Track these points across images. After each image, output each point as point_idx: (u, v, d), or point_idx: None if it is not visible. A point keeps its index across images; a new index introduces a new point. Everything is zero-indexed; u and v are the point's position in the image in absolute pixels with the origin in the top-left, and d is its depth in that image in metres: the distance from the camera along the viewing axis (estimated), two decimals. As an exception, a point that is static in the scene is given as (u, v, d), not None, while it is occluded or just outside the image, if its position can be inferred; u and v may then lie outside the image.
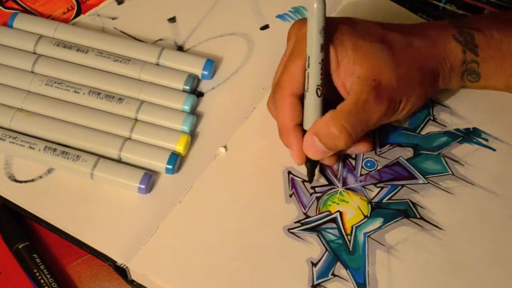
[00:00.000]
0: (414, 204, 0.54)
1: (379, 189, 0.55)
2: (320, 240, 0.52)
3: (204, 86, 0.61)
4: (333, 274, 0.51)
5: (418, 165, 0.56)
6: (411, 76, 0.52)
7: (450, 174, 0.55)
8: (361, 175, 0.55)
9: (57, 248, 0.54)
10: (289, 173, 0.55)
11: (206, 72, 0.60)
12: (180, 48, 0.63)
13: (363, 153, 0.56)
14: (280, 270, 0.51)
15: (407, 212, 0.54)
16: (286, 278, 0.51)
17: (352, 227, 0.53)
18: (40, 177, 0.56)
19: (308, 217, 0.54)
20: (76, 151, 0.56)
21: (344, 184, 0.55)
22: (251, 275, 0.51)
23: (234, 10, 0.65)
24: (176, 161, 0.55)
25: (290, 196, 0.54)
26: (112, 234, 0.53)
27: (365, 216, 0.53)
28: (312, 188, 0.55)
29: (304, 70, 0.51)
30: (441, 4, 0.65)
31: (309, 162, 0.54)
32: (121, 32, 0.64)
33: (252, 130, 0.58)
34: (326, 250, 0.52)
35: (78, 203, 0.55)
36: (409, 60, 0.52)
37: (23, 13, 0.64)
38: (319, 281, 0.51)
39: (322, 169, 0.56)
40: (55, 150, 0.56)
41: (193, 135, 0.58)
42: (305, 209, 0.54)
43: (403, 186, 0.55)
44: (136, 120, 0.58)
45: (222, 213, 0.54)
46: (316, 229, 0.53)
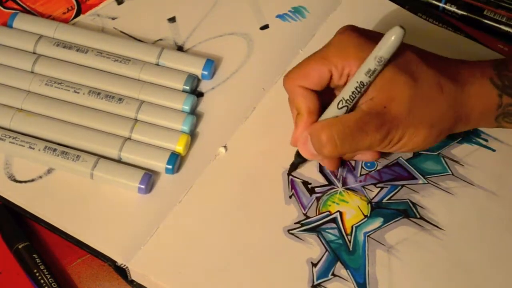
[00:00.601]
0: (414, 204, 0.54)
1: (379, 189, 0.55)
2: (320, 240, 0.52)
3: (204, 86, 0.61)
4: (333, 274, 0.51)
5: (418, 165, 0.56)
6: (425, 117, 0.50)
7: (450, 174, 0.55)
8: (361, 175, 0.56)
9: (57, 248, 0.54)
10: (289, 174, 0.55)
11: (206, 72, 0.60)
12: (180, 48, 0.63)
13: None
14: (280, 270, 0.51)
15: (407, 212, 0.54)
16: (286, 279, 0.51)
17: (352, 227, 0.53)
18: (40, 177, 0.56)
19: (308, 217, 0.54)
20: (76, 151, 0.56)
21: (344, 184, 0.55)
22: (251, 276, 0.51)
23: (234, 10, 0.65)
24: (176, 161, 0.55)
25: (290, 197, 0.54)
26: (112, 234, 0.53)
27: (365, 216, 0.54)
28: (312, 188, 0.55)
29: (319, 72, 0.51)
30: (441, 4, 0.65)
31: (298, 158, 0.54)
32: (121, 32, 0.64)
33: (252, 130, 0.58)
34: (326, 250, 0.52)
35: (78, 203, 0.55)
36: (431, 102, 0.50)
37: (23, 13, 0.64)
38: (319, 281, 0.51)
39: (322, 169, 0.56)
40: (55, 150, 0.56)
41: (193, 135, 0.58)
42: (305, 210, 0.54)
43: (403, 186, 0.55)
44: (136, 120, 0.58)
45: (222, 213, 0.54)
46: (316, 230, 0.53)
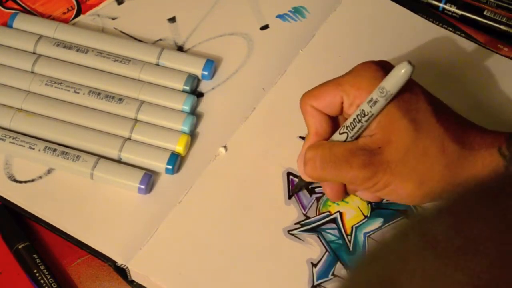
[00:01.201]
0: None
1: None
2: (320, 240, 0.52)
3: (204, 86, 0.61)
4: (334, 275, 0.51)
5: (418, 165, 0.56)
6: (415, 173, 0.48)
7: (450, 174, 0.55)
8: (361, 175, 0.55)
9: (57, 248, 0.54)
10: (289, 174, 0.55)
11: (206, 72, 0.60)
12: (180, 48, 0.63)
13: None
14: (280, 271, 0.51)
15: (407, 212, 0.54)
16: (286, 279, 0.51)
17: (352, 227, 0.53)
18: (40, 177, 0.56)
19: (308, 218, 0.54)
20: (76, 151, 0.56)
21: (344, 184, 0.55)
22: (251, 276, 0.51)
23: (234, 10, 0.65)
24: (176, 161, 0.55)
25: (290, 197, 0.54)
26: (112, 234, 0.53)
27: (365, 216, 0.53)
28: (312, 188, 0.55)
29: (331, 96, 0.50)
30: (441, 4, 0.65)
31: (300, 181, 0.54)
32: (121, 32, 0.64)
33: (252, 130, 0.58)
34: (326, 250, 0.52)
35: (78, 203, 0.55)
36: (427, 159, 0.48)
37: (23, 13, 0.64)
38: (319, 281, 0.51)
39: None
40: (55, 150, 0.56)
41: (193, 135, 0.58)
42: (305, 210, 0.54)
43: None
44: (136, 120, 0.58)
45: (222, 214, 0.54)
46: (316, 230, 0.53)
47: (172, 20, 0.65)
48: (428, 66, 0.60)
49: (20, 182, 0.56)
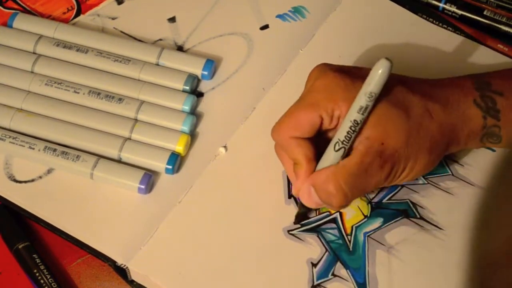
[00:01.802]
0: (414, 204, 0.54)
1: (379, 189, 0.55)
2: (320, 240, 0.52)
3: (204, 86, 0.61)
4: (333, 274, 0.51)
5: (418, 165, 0.56)
6: (421, 145, 0.50)
7: (450, 174, 0.55)
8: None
9: (57, 248, 0.54)
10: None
11: (206, 72, 0.60)
12: (180, 48, 0.63)
13: None
14: (280, 270, 0.51)
15: (407, 212, 0.54)
16: (286, 279, 0.51)
17: (352, 227, 0.53)
18: (40, 177, 0.56)
19: (308, 218, 0.54)
20: (76, 151, 0.56)
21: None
22: (251, 276, 0.51)
23: (234, 10, 0.65)
24: (176, 161, 0.55)
25: (290, 197, 0.54)
26: (112, 234, 0.53)
27: (365, 216, 0.54)
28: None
29: (310, 120, 0.49)
30: (441, 4, 0.65)
31: (302, 208, 0.53)
32: (121, 32, 0.64)
33: (252, 130, 0.58)
34: (326, 250, 0.52)
35: (78, 203, 0.55)
36: (423, 129, 0.50)
37: (23, 13, 0.64)
38: (319, 281, 0.51)
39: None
40: (55, 150, 0.56)
41: (193, 135, 0.58)
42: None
43: (403, 186, 0.55)
44: (136, 120, 0.58)
45: (222, 214, 0.54)
46: (316, 230, 0.53)
47: (172, 20, 0.65)
48: (428, 65, 0.60)
49: (20, 182, 0.56)
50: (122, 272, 0.52)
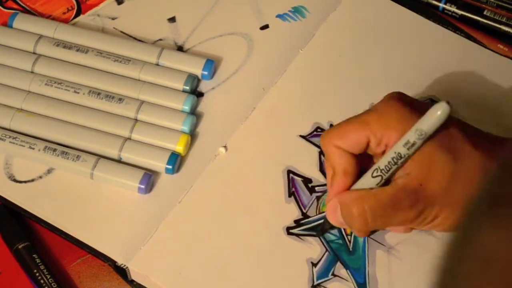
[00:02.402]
0: (414, 204, 0.54)
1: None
2: (320, 240, 0.52)
3: (204, 86, 0.61)
4: (333, 274, 0.51)
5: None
6: (462, 200, 0.46)
7: (450, 174, 0.55)
8: (361, 175, 0.55)
9: (57, 248, 0.54)
10: (289, 172, 0.55)
11: (206, 72, 0.60)
12: (180, 48, 0.63)
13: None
14: (280, 270, 0.51)
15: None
16: (286, 279, 0.51)
17: (352, 227, 0.53)
18: (40, 177, 0.56)
19: (308, 217, 0.54)
20: (76, 151, 0.56)
21: (344, 184, 0.55)
22: (251, 276, 0.51)
23: (234, 10, 0.65)
24: (176, 161, 0.55)
25: (290, 196, 0.54)
26: (112, 234, 0.53)
27: (365, 216, 0.53)
28: (312, 187, 0.55)
29: (356, 136, 0.48)
30: (441, 5, 0.65)
31: (327, 224, 0.52)
32: (121, 32, 0.64)
33: (252, 130, 0.58)
34: (326, 250, 0.52)
35: (78, 203, 0.55)
36: (471, 185, 0.46)
37: (23, 13, 0.64)
38: (319, 281, 0.51)
39: (322, 167, 0.56)
40: (55, 150, 0.56)
41: (193, 135, 0.58)
42: (305, 209, 0.54)
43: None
44: (136, 120, 0.58)
45: (222, 213, 0.54)
46: (316, 229, 0.53)
47: (172, 20, 0.65)
48: (428, 65, 0.60)
49: (20, 182, 0.56)
50: (122, 272, 0.52)
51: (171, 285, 0.51)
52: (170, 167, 0.55)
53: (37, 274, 0.52)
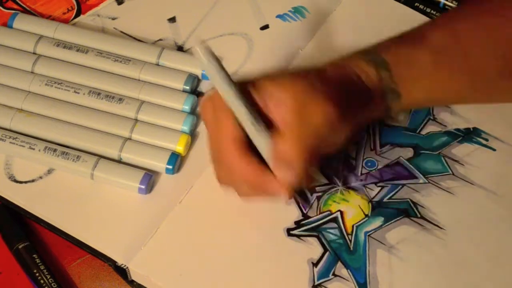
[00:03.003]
0: (415, 203, 0.54)
1: (380, 188, 0.55)
2: (321, 240, 0.52)
3: (204, 86, 0.61)
4: (334, 274, 0.51)
5: (419, 165, 0.56)
6: (335, 94, 0.47)
7: (450, 174, 0.55)
8: (361, 174, 0.55)
9: (57, 248, 0.54)
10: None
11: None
12: (180, 48, 0.63)
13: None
14: (280, 270, 0.51)
15: (408, 211, 0.54)
16: (287, 279, 0.51)
17: (352, 226, 0.53)
18: (40, 177, 0.56)
19: (308, 217, 0.53)
20: (76, 151, 0.56)
21: (345, 183, 0.55)
22: (252, 276, 0.51)
23: (234, 10, 0.65)
24: (176, 161, 0.55)
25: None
26: (112, 234, 0.53)
27: (366, 215, 0.53)
28: (313, 187, 0.55)
29: (234, 121, 0.47)
30: (442, 1, 0.65)
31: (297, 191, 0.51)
32: (121, 32, 0.64)
33: (252, 130, 0.58)
34: (327, 250, 0.52)
35: (78, 203, 0.55)
36: (326, 81, 0.48)
37: (23, 14, 0.64)
38: (320, 281, 0.51)
39: (322, 168, 0.56)
40: (55, 150, 0.55)
41: (193, 135, 0.58)
42: (305, 210, 0.54)
43: (403, 185, 0.55)
44: (136, 120, 0.57)
45: (222, 214, 0.54)
46: (316, 229, 0.53)
47: (172, 20, 0.65)
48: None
49: (20, 182, 0.56)
50: (122, 272, 0.52)
51: (171, 285, 0.51)
52: (170, 167, 0.55)
53: (37, 274, 0.52)
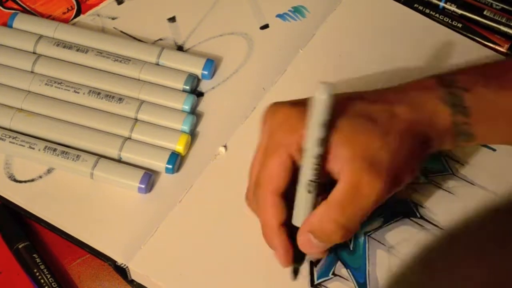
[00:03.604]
0: (415, 203, 0.54)
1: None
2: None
3: (204, 86, 0.61)
4: (334, 274, 0.51)
5: (419, 165, 0.56)
6: (401, 144, 0.46)
7: (450, 174, 0.55)
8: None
9: (57, 248, 0.54)
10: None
11: (206, 72, 0.60)
12: (180, 48, 0.63)
13: None
14: (280, 270, 0.51)
15: (408, 211, 0.54)
16: (287, 278, 0.51)
17: (352, 226, 0.53)
18: (40, 177, 0.56)
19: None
20: (76, 151, 0.56)
21: (345, 183, 0.55)
22: (251, 275, 0.51)
23: (234, 10, 0.65)
24: (176, 160, 0.55)
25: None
26: (112, 234, 0.53)
27: (366, 216, 0.53)
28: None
29: (284, 166, 0.46)
30: (442, 3, 0.65)
31: (296, 264, 0.50)
32: (121, 32, 0.64)
33: (252, 130, 0.57)
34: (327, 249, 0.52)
35: (78, 203, 0.55)
36: (395, 128, 0.46)
37: (23, 13, 0.64)
38: (320, 280, 0.51)
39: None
40: (55, 150, 0.55)
41: (193, 135, 0.58)
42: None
43: (403, 185, 0.55)
44: (136, 120, 0.57)
45: (222, 213, 0.54)
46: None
47: (172, 20, 0.65)
48: (428, 64, 0.60)
49: (20, 182, 0.56)
50: (122, 272, 0.52)
51: (171, 285, 0.51)
52: (170, 166, 0.55)
53: (37, 274, 0.52)
